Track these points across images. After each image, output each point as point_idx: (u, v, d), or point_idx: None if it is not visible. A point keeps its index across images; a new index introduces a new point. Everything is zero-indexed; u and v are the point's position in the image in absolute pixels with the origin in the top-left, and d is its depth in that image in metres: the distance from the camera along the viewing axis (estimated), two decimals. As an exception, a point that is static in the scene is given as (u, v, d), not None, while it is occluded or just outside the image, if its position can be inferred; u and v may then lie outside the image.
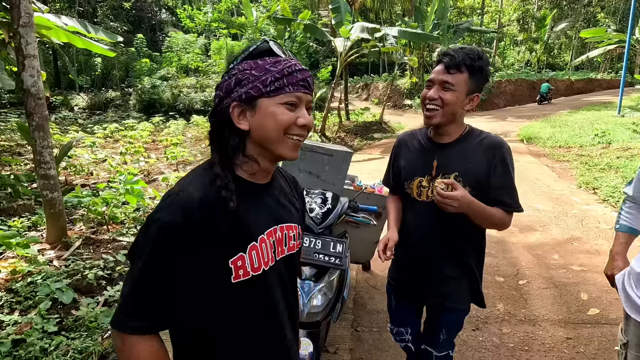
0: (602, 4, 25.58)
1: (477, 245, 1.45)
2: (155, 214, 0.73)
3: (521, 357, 2.21)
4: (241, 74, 0.78)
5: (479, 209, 1.27)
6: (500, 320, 2.55)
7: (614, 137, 8.59)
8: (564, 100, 18.75)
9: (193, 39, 18.42)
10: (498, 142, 1.35)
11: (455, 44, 17.43)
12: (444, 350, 1.52)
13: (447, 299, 1.44)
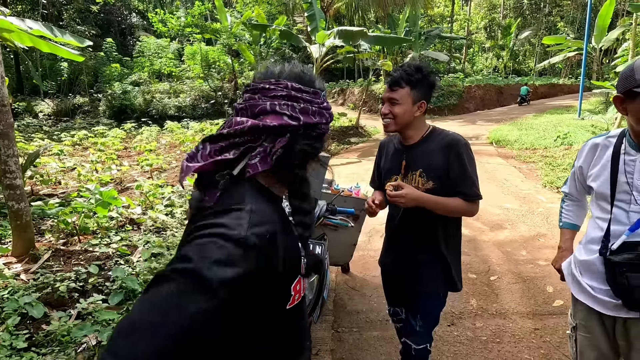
0: (561, 14, 27.15)
1: (448, 233, 1.57)
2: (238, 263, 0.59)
3: (493, 349, 2.33)
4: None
5: (431, 201, 1.45)
6: (474, 315, 2.66)
7: (575, 138, 9.12)
8: (527, 105, 19.71)
9: (166, 43, 18.07)
10: (454, 139, 1.51)
11: (426, 50, 18.02)
12: (421, 343, 1.61)
13: (421, 284, 1.57)
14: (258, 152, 0.69)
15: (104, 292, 2.87)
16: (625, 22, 15.28)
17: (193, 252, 0.57)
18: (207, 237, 0.59)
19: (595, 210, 1.31)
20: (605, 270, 1.22)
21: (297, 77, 0.74)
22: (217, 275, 0.55)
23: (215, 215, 0.64)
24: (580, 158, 1.39)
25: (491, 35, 27.39)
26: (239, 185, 0.70)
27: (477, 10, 29.06)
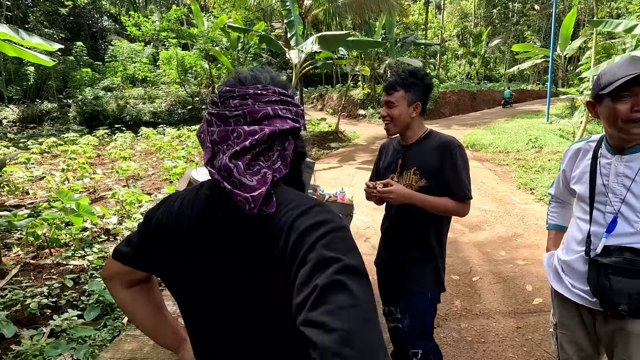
0: (528, 23, 28.48)
1: (439, 234, 1.65)
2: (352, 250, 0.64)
3: (479, 349, 2.37)
4: None
5: (419, 198, 1.53)
6: (459, 316, 2.71)
7: (545, 142, 9.54)
8: (500, 110, 20.50)
9: (140, 48, 17.61)
10: (448, 140, 1.58)
11: (402, 56, 18.43)
12: (415, 347, 1.63)
13: (409, 281, 1.64)
14: (277, 156, 0.72)
15: (79, 307, 2.73)
16: (586, 32, 16.19)
17: (330, 253, 0.60)
18: (325, 236, 0.62)
19: (577, 212, 1.37)
20: (588, 270, 1.26)
21: (275, 82, 0.76)
22: (357, 260, 0.60)
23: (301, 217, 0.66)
24: (564, 162, 1.45)
25: (463, 43, 28.36)
26: (281, 189, 0.73)
27: (449, 18, 30.04)
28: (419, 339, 1.64)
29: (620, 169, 1.20)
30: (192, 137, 10.33)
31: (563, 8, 21.45)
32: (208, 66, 15.92)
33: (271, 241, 0.66)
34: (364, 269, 0.59)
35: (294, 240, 0.63)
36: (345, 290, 0.54)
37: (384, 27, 17.38)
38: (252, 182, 0.67)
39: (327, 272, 0.56)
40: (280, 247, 0.64)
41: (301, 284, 0.58)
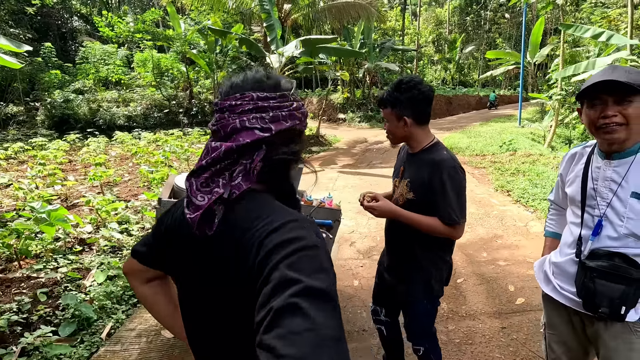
0: (499, 31, 29.62)
1: (428, 245, 1.61)
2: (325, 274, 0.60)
3: (467, 350, 2.40)
4: (305, 108, 0.80)
5: (404, 216, 1.54)
6: (446, 319, 2.74)
7: (518, 145, 9.90)
8: (475, 114, 21.16)
9: (113, 49, 17.04)
10: (441, 159, 1.51)
11: (380, 61, 18.72)
12: (417, 344, 1.74)
13: (403, 294, 1.70)
14: (239, 171, 0.70)
15: (53, 322, 2.58)
16: (553, 40, 17.00)
17: (293, 273, 0.56)
18: (292, 254, 0.59)
19: (570, 216, 1.40)
20: (577, 272, 1.30)
21: (260, 85, 0.74)
22: (325, 282, 0.57)
23: (274, 233, 0.64)
24: (561, 166, 1.48)
25: (439, 49, 29.16)
26: (261, 201, 0.72)
27: (425, 25, 30.82)
28: (419, 338, 1.73)
29: (608, 173, 1.25)
30: (169, 141, 10.06)
31: (531, 17, 22.45)
32: (185, 69, 15.60)
33: (243, 256, 0.65)
34: (331, 291, 0.56)
35: (262, 257, 0.61)
36: (300, 314, 0.51)
37: (363, 33, 17.61)
38: (203, 201, 0.68)
39: (285, 295, 0.53)
40: (250, 263, 0.63)
41: (260, 305, 0.56)
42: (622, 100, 1.15)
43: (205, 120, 15.24)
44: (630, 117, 1.15)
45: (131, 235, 4.14)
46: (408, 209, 1.56)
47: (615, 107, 1.16)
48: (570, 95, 10.79)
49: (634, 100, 1.14)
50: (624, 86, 1.12)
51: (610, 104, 1.17)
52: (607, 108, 1.17)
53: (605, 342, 1.28)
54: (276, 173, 0.75)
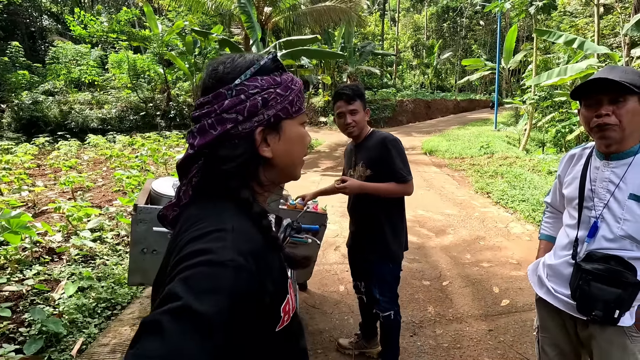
0: (475, 37, 30.53)
1: (388, 213, 1.99)
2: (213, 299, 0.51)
3: (455, 354, 2.38)
4: (266, 94, 0.66)
5: (370, 187, 1.90)
6: (433, 322, 2.71)
7: (495, 148, 10.15)
8: (453, 118, 21.65)
9: (86, 49, 16.41)
10: (385, 136, 1.95)
11: (361, 65, 18.88)
12: (386, 311, 2.02)
13: (369, 252, 2.01)
14: (184, 184, 0.69)
15: (18, 340, 2.38)
16: (526, 47, 17.66)
17: (179, 288, 0.49)
18: (191, 268, 0.52)
19: (566, 218, 1.39)
20: (572, 274, 1.28)
21: (203, 87, 0.68)
22: (211, 306, 0.48)
23: (193, 241, 0.57)
24: (559, 168, 1.47)
25: (417, 54, 29.72)
26: (216, 205, 0.66)
27: (404, 30, 31.39)
28: (389, 304, 2.02)
29: (606, 174, 1.24)
30: (146, 144, 9.73)
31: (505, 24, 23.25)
32: (163, 71, 15.20)
33: (167, 263, 0.61)
34: (214, 318, 0.47)
35: (172, 264, 0.56)
36: (159, 336, 0.44)
37: (344, 37, 17.73)
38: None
39: (158, 310, 0.47)
40: (167, 270, 0.58)
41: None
42: (616, 99, 1.14)
43: (184, 124, 14.88)
44: (623, 117, 1.14)
45: (105, 243, 3.93)
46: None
47: (609, 107, 1.15)
48: (543, 100, 11.19)
49: (628, 100, 1.13)
50: (618, 85, 1.11)
51: (605, 104, 1.16)
52: (601, 107, 1.16)
53: (600, 346, 1.27)
54: (227, 185, 0.66)
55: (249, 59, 0.69)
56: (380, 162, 1.91)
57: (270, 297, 0.62)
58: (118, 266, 3.45)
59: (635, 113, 1.14)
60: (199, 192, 0.69)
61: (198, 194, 0.69)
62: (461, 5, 29.65)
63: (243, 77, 0.66)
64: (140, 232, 2.05)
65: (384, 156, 1.90)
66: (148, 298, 3.03)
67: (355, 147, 2.05)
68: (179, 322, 0.46)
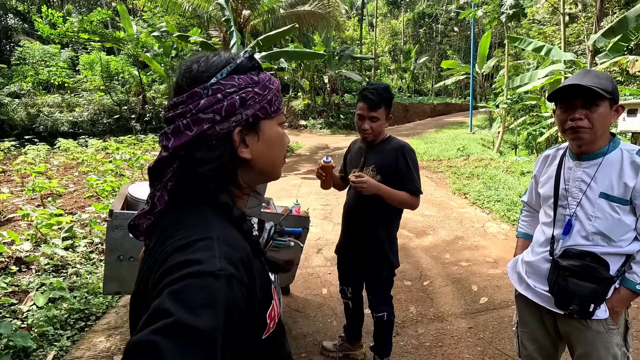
0: (450, 43, 31.42)
1: (388, 220, 1.98)
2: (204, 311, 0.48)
3: (437, 353, 2.41)
4: (244, 92, 0.64)
5: (386, 191, 1.82)
6: (415, 322, 2.75)
7: (471, 150, 10.46)
8: (430, 121, 22.15)
9: (55, 50, 15.76)
10: (401, 144, 1.92)
11: (340, 69, 19.04)
12: (379, 312, 2.06)
13: (366, 258, 2.00)
14: (158, 188, 0.66)
15: (-18, 357, 2.23)
16: (498, 53, 18.33)
17: (169, 303, 0.46)
18: (180, 280, 0.49)
19: (542, 216, 1.44)
20: (549, 270, 1.33)
21: (176, 87, 0.65)
22: (209, 320, 0.46)
23: (178, 252, 0.54)
24: (535, 168, 1.52)
25: (395, 59, 30.26)
26: (196, 211, 0.63)
27: (381, 35, 31.91)
28: (382, 306, 2.06)
29: (578, 174, 1.30)
30: (121, 149, 9.43)
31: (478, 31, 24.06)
32: (138, 73, 14.79)
33: (148, 274, 0.58)
34: (209, 332, 0.45)
35: (157, 276, 0.53)
36: (153, 356, 0.41)
37: (323, 41, 17.83)
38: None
39: (148, 329, 0.44)
40: (150, 281, 0.55)
41: (136, 333, 0.46)
42: (589, 104, 1.20)
43: (160, 127, 14.51)
44: (595, 121, 1.20)
45: (77, 251, 3.77)
46: None
47: (582, 111, 1.21)
48: (515, 104, 11.64)
49: (600, 105, 1.19)
50: (591, 91, 1.16)
51: (578, 108, 1.22)
52: (575, 111, 1.22)
53: (579, 339, 1.32)
54: (195, 188, 0.64)
55: (225, 57, 0.67)
56: (393, 170, 1.85)
57: (259, 305, 0.61)
58: (92, 275, 3.32)
59: (605, 117, 1.21)
60: (176, 197, 0.65)
61: (175, 199, 0.65)
62: (436, 12, 30.48)
63: (219, 75, 0.63)
64: (116, 238, 1.98)
65: (400, 165, 1.84)
66: (125, 307, 2.92)
67: (366, 147, 1.97)
68: (175, 341, 0.42)
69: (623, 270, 1.27)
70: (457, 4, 24.49)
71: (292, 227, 2.26)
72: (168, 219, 0.64)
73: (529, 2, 16.99)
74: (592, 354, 1.29)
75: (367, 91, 1.82)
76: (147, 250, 0.66)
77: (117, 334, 2.57)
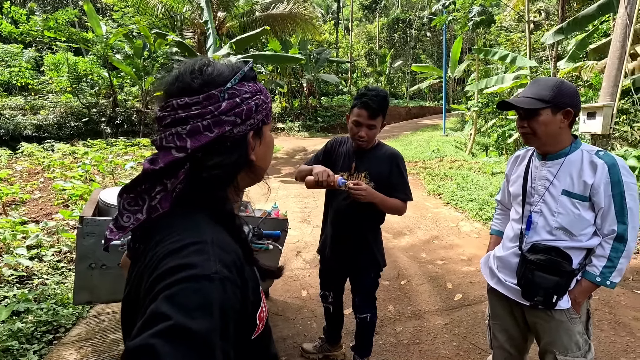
0: (423, 48, 32.26)
1: (375, 225, 2.02)
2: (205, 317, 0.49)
3: (415, 350, 2.47)
4: (256, 99, 0.68)
5: (381, 198, 1.82)
6: (393, 321, 2.80)
7: (444, 152, 10.77)
8: (405, 124, 22.61)
9: (17, 50, 14.98)
10: (395, 153, 1.95)
11: (318, 72, 19.13)
12: (363, 313, 2.08)
13: (354, 262, 2.01)
14: (158, 191, 0.63)
15: (-62, 376, 2.10)
16: (469, 57, 19.00)
17: (166, 307, 0.47)
18: (175, 284, 0.50)
19: (512, 213, 1.52)
20: (518, 264, 1.40)
21: (187, 86, 0.64)
22: (205, 323, 0.47)
23: (170, 256, 0.55)
24: (507, 168, 1.61)
25: (370, 62, 30.75)
26: (189, 214, 0.63)
27: (357, 39, 32.39)
28: (367, 308, 2.09)
29: (543, 172, 1.38)
30: (90, 153, 9.07)
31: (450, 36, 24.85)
32: (108, 74, 14.28)
33: (140, 279, 0.58)
34: (204, 334, 0.46)
35: (150, 282, 0.53)
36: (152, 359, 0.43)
37: (299, 44, 17.88)
38: (128, 222, 0.64)
39: (146, 333, 0.45)
40: (142, 287, 0.56)
41: (132, 338, 0.46)
42: (529, 113, 1.30)
43: (132, 130, 14.08)
44: (536, 129, 1.31)
45: (43, 261, 3.59)
46: None
47: (524, 121, 1.32)
48: (485, 106, 12.09)
49: (541, 114, 1.29)
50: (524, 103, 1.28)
51: (522, 117, 1.32)
52: (520, 120, 1.32)
53: (544, 329, 1.39)
54: (204, 192, 0.64)
55: (227, 64, 0.69)
56: (386, 178, 1.87)
57: (251, 306, 0.63)
58: (60, 285, 3.17)
59: (547, 123, 1.30)
60: (179, 201, 0.64)
61: (177, 203, 0.64)
62: (410, 18, 31.24)
63: (234, 81, 0.65)
64: (87, 246, 1.91)
65: (394, 173, 1.87)
66: (96, 317, 2.82)
67: (356, 152, 1.92)
68: (173, 344, 0.43)
69: (584, 264, 1.36)
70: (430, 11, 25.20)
71: (270, 230, 2.26)
72: (158, 223, 0.63)
73: (497, 9, 17.72)
74: (557, 342, 1.37)
75: (368, 98, 1.73)
76: (137, 255, 0.66)
77: (88, 346, 2.47)
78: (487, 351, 2.36)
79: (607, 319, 2.77)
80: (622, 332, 2.60)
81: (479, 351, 2.43)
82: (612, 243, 1.29)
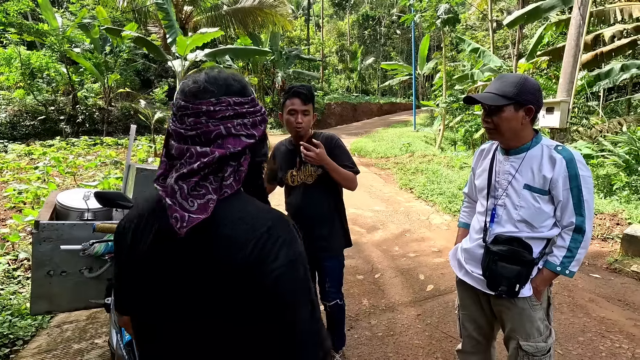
0: (393, 45, 32.80)
1: (338, 208, 2.12)
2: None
3: (389, 342, 2.51)
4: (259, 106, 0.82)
5: (331, 163, 1.89)
6: (368, 314, 2.84)
7: (415, 147, 11.02)
8: (377, 120, 22.95)
9: (-38, 43, 13.84)
10: (331, 135, 2.07)
11: (289, 69, 19.00)
12: (333, 300, 2.11)
13: (324, 251, 2.05)
14: (230, 172, 0.73)
15: None
16: (436, 55, 19.53)
17: (301, 293, 0.73)
18: (278, 248, 0.70)
19: (478, 206, 1.56)
20: (483, 255, 1.45)
21: (230, 88, 0.75)
22: (303, 253, 0.74)
23: (284, 248, 0.71)
24: (473, 162, 1.65)
25: (342, 59, 30.89)
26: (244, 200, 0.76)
27: (328, 36, 32.42)
28: (336, 294, 2.13)
29: (506, 167, 1.43)
30: (49, 153, 8.54)
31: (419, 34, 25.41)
32: (66, 70, 13.48)
33: (234, 251, 0.68)
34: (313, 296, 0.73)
35: (271, 268, 0.68)
36: (319, 336, 0.74)
37: (270, 40, 17.67)
38: (193, 206, 0.69)
39: (306, 318, 0.71)
40: (240, 260, 0.67)
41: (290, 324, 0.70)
42: (493, 109, 1.34)
43: (95, 129, 13.37)
44: (499, 124, 1.35)
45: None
46: (320, 182, 1.98)
47: (488, 117, 1.36)
48: (453, 102, 12.48)
49: (504, 110, 1.33)
50: (487, 100, 1.31)
51: (486, 113, 1.36)
52: (485, 115, 1.36)
53: (508, 317, 1.45)
54: (254, 174, 0.80)
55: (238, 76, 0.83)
56: (330, 158, 1.93)
57: None
58: (17, 295, 2.97)
59: (510, 119, 1.35)
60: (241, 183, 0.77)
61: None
62: (379, 15, 31.62)
63: (253, 91, 0.81)
64: (44, 252, 1.80)
65: (336, 153, 1.96)
66: (58, 327, 2.66)
67: (296, 147, 1.98)
68: (298, 270, 0.72)
69: (544, 253, 1.43)
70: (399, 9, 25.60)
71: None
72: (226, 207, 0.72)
73: (462, 8, 18.28)
74: (519, 328, 1.43)
75: (297, 88, 1.92)
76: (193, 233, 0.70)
77: (49, 358, 2.33)
78: (458, 339, 2.44)
79: (566, 302, 2.94)
80: (580, 314, 2.77)
81: (450, 339, 2.51)
82: (571, 234, 1.35)
